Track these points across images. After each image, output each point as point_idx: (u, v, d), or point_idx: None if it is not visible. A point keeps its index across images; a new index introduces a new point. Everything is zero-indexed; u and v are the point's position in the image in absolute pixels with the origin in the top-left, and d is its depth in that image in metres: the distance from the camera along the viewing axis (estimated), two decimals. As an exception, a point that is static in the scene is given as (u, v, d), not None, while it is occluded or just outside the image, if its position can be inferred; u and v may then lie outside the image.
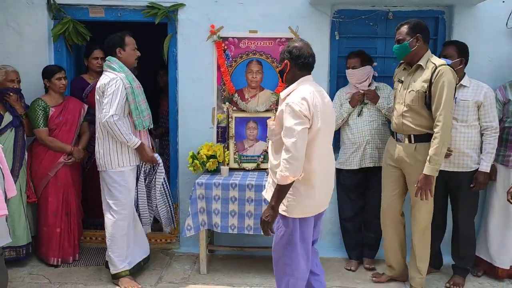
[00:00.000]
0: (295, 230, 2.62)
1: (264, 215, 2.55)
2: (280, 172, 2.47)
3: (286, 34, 3.95)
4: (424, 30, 3.23)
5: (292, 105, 2.47)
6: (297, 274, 2.68)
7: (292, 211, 2.60)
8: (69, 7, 4.03)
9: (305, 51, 2.62)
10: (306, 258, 2.70)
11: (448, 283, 3.60)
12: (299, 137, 2.44)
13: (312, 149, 2.52)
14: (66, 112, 3.85)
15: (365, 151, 3.73)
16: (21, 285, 3.52)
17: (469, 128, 3.44)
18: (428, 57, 3.23)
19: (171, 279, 3.67)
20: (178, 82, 4.08)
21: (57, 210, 3.80)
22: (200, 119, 4.05)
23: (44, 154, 3.79)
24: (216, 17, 3.96)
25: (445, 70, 3.11)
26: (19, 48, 4.03)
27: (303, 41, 2.70)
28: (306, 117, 2.47)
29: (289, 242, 2.64)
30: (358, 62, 3.73)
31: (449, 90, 3.08)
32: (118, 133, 3.31)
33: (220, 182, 3.61)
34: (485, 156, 3.45)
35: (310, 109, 2.48)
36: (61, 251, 3.85)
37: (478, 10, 3.86)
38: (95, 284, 3.57)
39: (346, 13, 3.99)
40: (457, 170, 3.48)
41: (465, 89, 3.47)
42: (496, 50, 3.88)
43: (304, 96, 2.50)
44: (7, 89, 3.67)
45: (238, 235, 3.79)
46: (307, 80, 2.64)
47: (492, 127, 3.45)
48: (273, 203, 2.53)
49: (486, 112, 3.44)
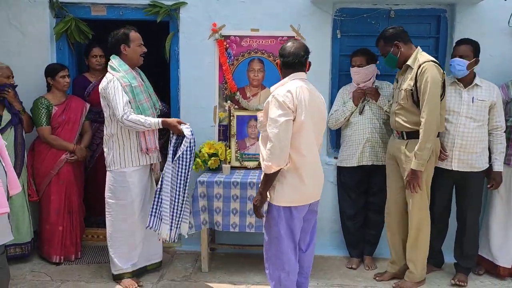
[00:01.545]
0: (281, 219, 2.71)
1: (254, 200, 2.75)
2: (264, 162, 2.62)
3: (288, 32, 3.95)
4: (400, 34, 3.36)
5: (277, 97, 2.59)
6: (288, 267, 2.75)
7: (278, 199, 2.70)
8: (71, 5, 4.04)
9: (287, 50, 2.72)
10: (294, 251, 2.78)
11: (453, 280, 3.61)
12: (282, 128, 2.54)
13: (299, 140, 2.62)
14: (69, 110, 3.85)
15: (364, 148, 3.74)
16: (22, 283, 3.53)
17: (483, 128, 3.46)
18: (417, 56, 3.32)
19: (172, 277, 3.67)
20: (180, 80, 4.08)
21: (59, 208, 3.81)
22: (201, 118, 4.05)
23: (47, 153, 3.80)
24: (218, 15, 3.96)
25: (428, 66, 3.18)
26: (21, 46, 4.04)
27: (294, 41, 2.79)
28: (290, 109, 2.56)
29: (276, 233, 2.72)
30: (364, 60, 3.72)
31: (432, 86, 3.15)
32: (137, 126, 3.25)
33: (221, 181, 3.62)
34: (498, 156, 3.50)
35: (293, 101, 2.57)
36: (63, 249, 3.86)
37: (480, 8, 3.85)
38: (96, 281, 3.58)
39: (348, 11, 3.99)
40: (469, 170, 3.46)
41: (479, 88, 3.47)
42: (498, 49, 3.87)
43: (289, 89, 2.61)
44: (4, 85, 3.64)
45: (240, 234, 3.80)
46: (298, 76, 2.73)
47: (502, 127, 3.50)
48: (261, 189, 2.71)
49: (497, 112, 3.48)
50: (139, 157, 3.43)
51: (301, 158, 2.65)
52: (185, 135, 3.25)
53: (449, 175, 3.50)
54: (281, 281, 2.76)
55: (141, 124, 3.24)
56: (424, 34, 4.04)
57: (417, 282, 3.51)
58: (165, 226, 3.29)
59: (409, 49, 3.35)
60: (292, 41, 2.79)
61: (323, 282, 3.61)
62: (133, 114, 3.26)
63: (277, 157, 2.56)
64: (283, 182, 2.68)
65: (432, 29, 4.06)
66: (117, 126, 3.35)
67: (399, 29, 3.39)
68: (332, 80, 4.07)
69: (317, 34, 3.92)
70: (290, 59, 2.71)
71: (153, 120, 3.29)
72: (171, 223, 3.30)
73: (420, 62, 3.23)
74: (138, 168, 3.44)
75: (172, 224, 3.30)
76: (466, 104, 3.43)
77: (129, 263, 3.50)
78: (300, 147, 2.63)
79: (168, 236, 3.29)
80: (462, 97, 3.46)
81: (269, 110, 2.62)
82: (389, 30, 3.39)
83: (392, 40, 3.34)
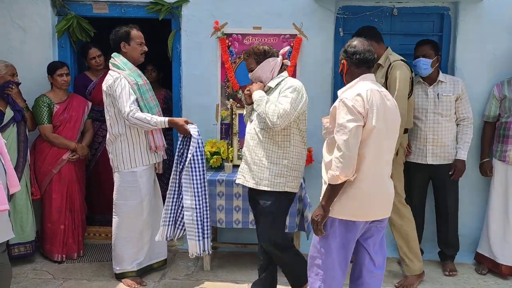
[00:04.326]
0: (333, 232, 2.48)
1: (315, 214, 2.48)
2: (331, 171, 2.38)
3: (291, 30, 3.94)
4: (374, 34, 3.45)
5: (345, 101, 2.38)
6: (330, 282, 2.55)
7: (335, 210, 2.46)
8: (73, 3, 4.04)
9: (360, 47, 2.53)
10: (344, 267, 2.56)
11: (445, 271, 3.73)
12: (352, 135, 2.32)
13: (365, 148, 2.38)
14: (71, 109, 3.85)
15: None
16: (25, 281, 3.53)
17: (451, 121, 3.65)
18: (387, 55, 3.47)
19: (174, 275, 3.67)
20: (182, 78, 4.07)
21: (61, 207, 3.81)
22: (203, 116, 4.04)
23: (48, 151, 3.79)
24: (220, 13, 3.95)
25: (397, 64, 3.36)
26: (24, 44, 4.04)
27: (359, 39, 2.60)
28: (360, 114, 2.35)
29: (325, 245, 2.51)
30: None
31: (401, 83, 3.31)
32: (144, 124, 3.19)
33: (223, 179, 3.61)
34: (462, 145, 3.65)
35: (364, 105, 2.36)
36: (65, 248, 3.86)
37: (483, 6, 3.82)
38: (99, 280, 3.58)
39: (351, 9, 3.97)
40: (443, 163, 3.66)
41: (443, 84, 3.66)
42: (501, 47, 3.85)
43: (359, 92, 2.40)
44: (9, 82, 3.64)
45: (242, 232, 3.79)
46: (367, 78, 2.53)
47: (468, 118, 3.66)
48: (324, 202, 2.43)
49: (463, 104, 3.66)
50: (148, 155, 3.39)
51: (366, 168, 2.40)
52: (192, 136, 3.18)
53: (424, 169, 3.69)
54: None
55: (147, 122, 3.19)
56: (427, 32, 4.02)
57: (418, 275, 3.55)
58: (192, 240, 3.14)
59: (380, 48, 3.48)
60: (358, 39, 2.58)
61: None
62: (139, 111, 3.22)
63: (346, 166, 2.32)
64: (343, 192, 2.43)
65: (436, 27, 4.04)
66: (125, 125, 3.29)
67: (373, 28, 3.54)
68: (334, 78, 4.06)
69: (320, 32, 3.91)
70: (366, 55, 2.50)
71: (160, 118, 3.24)
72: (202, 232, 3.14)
73: (391, 61, 3.39)
74: (148, 167, 3.41)
75: (204, 233, 3.16)
76: (433, 101, 3.63)
77: (134, 262, 3.48)
78: (365, 155, 2.39)
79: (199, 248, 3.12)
80: (428, 95, 3.65)
81: (336, 115, 2.41)
82: (365, 29, 3.47)
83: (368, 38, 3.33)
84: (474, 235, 3.91)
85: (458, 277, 3.69)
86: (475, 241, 3.88)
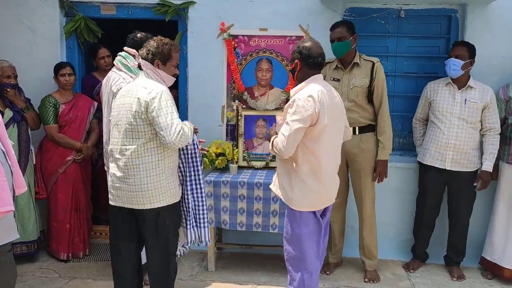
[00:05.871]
0: (302, 223, 2.70)
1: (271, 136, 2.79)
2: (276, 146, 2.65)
3: (297, 32, 3.93)
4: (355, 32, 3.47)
5: (298, 102, 2.57)
6: (310, 267, 2.74)
7: (299, 204, 2.69)
8: (81, 4, 4.07)
9: (314, 51, 2.68)
10: (317, 251, 2.77)
11: (453, 276, 3.69)
12: (292, 134, 2.56)
13: (320, 145, 2.63)
14: (76, 109, 3.88)
15: None
16: (31, 279, 3.57)
17: (475, 129, 3.56)
18: (359, 55, 3.51)
19: (179, 276, 3.64)
20: (188, 79, 4.08)
21: (66, 206, 3.84)
22: (209, 117, 4.05)
23: (54, 151, 3.83)
24: (226, 14, 3.96)
25: (380, 66, 3.47)
26: (32, 45, 4.07)
27: (313, 41, 2.76)
28: (310, 115, 2.55)
29: (298, 236, 2.71)
30: None
31: (385, 84, 3.48)
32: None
33: (228, 180, 3.62)
34: (488, 156, 3.56)
35: (316, 106, 2.56)
36: (71, 247, 3.89)
37: (491, 8, 3.79)
38: (104, 279, 3.60)
39: (357, 11, 3.96)
40: (462, 170, 3.58)
41: (472, 90, 3.56)
42: (509, 49, 3.82)
43: (311, 93, 2.59)
44: (3, 85, 3.65)
45: (246, 233, 3.79)
46: (317, 78, 2.72)
47: (495, 128, 3.56)
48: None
49: (491, 113, 3.55)
50: None
51: (320, 162, 2.64)
52: None
53: (442, 174, 3.61)
54: (304, 281, 2.74)
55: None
56: (434, 34, 4.00)
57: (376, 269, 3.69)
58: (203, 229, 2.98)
59: (355, 48, 3.49)
60: (310, 40, 2.74)
61: (330, 283, 3.60)
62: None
63: (282, 154, 2.64)
64: (303, 187, 2.66)
65: (443, 29, 4.01)
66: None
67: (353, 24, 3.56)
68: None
69: (326, 33, 3.86)
70: (319, 59, 2.69)
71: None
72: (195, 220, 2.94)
73: (374, 61, 3.46)
74: None
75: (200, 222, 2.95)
76: (459, 105, 3.54)
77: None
78: (321, 151, 2.63)
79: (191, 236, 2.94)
80: (455, 98, 3.56)
81: (287, 113, 2.63)
82: (350, 22, 3.49)
83: (353, 32, 3.43)
84: (479, 239, 3.87)
85: (464, 282, 3.66)
86: (480, 245, 3.83)
